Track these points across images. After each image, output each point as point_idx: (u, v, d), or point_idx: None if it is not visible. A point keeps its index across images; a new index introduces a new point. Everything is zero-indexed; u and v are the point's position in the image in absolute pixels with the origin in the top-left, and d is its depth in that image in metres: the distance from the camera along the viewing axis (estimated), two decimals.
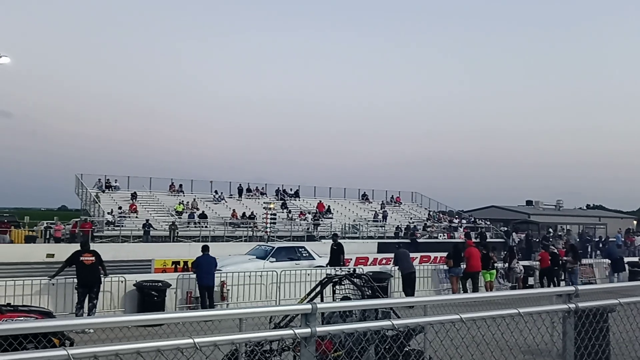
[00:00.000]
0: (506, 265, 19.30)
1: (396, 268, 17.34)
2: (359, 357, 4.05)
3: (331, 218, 44.40)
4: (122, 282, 13.47)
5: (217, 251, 17.16)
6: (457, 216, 51.40)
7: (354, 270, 11.90)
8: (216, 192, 45.31)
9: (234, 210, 41.08)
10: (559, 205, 63.26)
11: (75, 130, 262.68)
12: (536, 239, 36.76)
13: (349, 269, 15.52)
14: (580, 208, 73.47)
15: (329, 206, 46.78)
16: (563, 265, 19.42)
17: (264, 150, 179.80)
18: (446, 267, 18.02)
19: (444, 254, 19.42)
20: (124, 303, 13.46)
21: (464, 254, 17.57)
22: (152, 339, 2.90)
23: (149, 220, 34.82)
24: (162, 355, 2.87)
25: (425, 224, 45.99)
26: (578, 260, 19.29)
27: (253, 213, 40.65)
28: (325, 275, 10.17)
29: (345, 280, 7.85)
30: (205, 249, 14.56)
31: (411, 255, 19.13)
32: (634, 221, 61.70)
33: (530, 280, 19.37)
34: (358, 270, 10.37)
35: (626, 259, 23.03)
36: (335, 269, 15.34)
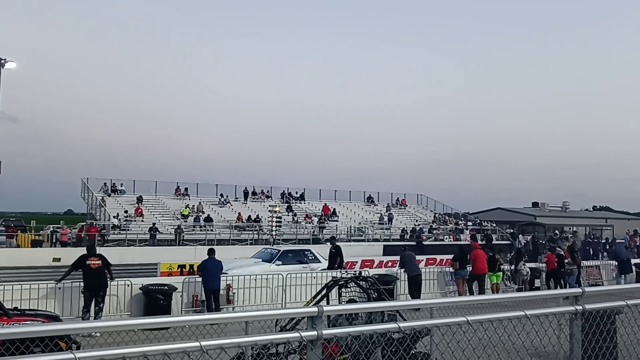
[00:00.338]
0: (513, 267, 19.21)
1: (402, 271, 17.32)
2: None
3: (337, 221, 44.37)
4: (128, 286, 13.49)
5: (223, 254, 17.15)
6: (463, 218, 51.33)
7: (360, 273, 11.88)
8: (222, 196, 45.37)
9: (239, 213, 41.13)
10: (565, 206, 63.08)
11: (80, 134, 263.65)
12: (542, 241, 36.58)
13: (355, 271, 15.48)
14: (587, 209, 73.29)
15: (335, 209, 46.79)
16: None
17: (269, 154, 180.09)
18: (452, 270, 17.96)
19: (449, 257, 19.32)
20: (130, 307, 13.48)
21: (470, 256, 17.50)
22: (159, 342, 2.91)
23: (155, 224, 34.88)
24: (169, 358, 2.88)
25: (430, 227, 45.94)
26: (577, 263, 19.17)
27: (258, 216, 40.68)
28: (331, 278, 10.16)
29: (351, 283, 7.85)
30: (211, 252, 14.54)
31: (417, 257, 19.10)
32: None
33: (536, 282, 19.27)
34: (364, 273, 10.37)
35: (633, 261, 22.90)
36: (341, 272, 15.31)
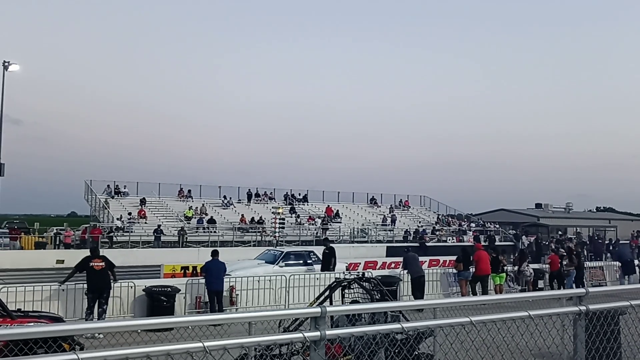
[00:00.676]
0: (516, 268, 19.18)
1: (405, 272, 17.33)
2: None
3: (340, 222, 44.36)
4: (132, 288, 13.51)
5: (226, 256, 17.14)
6: (466, 219, 51.30)
7: (363, 274, 11.88)
8: (225, 197, 45.36)
9: (242, 215, 41.17)
10: (569, 208, 63.03)
11: (84, 136, 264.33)
12: (546, 242, 36.52)
13: (358, 273, 15.48)
14: (590, 210, 73.21)
15: (338, 210, 46.75)
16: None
17: (273, 155, 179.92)
18: (455, 271, 17.94)
19: (453, 258, 19.31)
20: (134, 308, 13.49)
21: (473, 257, 17.50)
22: (162, 343, 2.91)
23: (160, 226, 34.88)
24: (172, 359, 2.88)
25: (434, 228, 45.93)
26: (574, 264, 19.12)
27: (262, 218, 40.67)
28: (334, 280, 10.17)
29: (354, 284, 7.86)
30: (214, 253, 14.53)
31: (420, 259, 19.09)
32: None
33: (540, 283, 19.26)
34: (367, 275, 10.37)
35: (637, 262, 22.85)
36: (344, 273, 15.30)
